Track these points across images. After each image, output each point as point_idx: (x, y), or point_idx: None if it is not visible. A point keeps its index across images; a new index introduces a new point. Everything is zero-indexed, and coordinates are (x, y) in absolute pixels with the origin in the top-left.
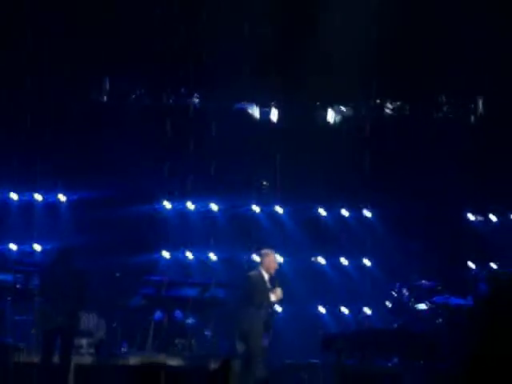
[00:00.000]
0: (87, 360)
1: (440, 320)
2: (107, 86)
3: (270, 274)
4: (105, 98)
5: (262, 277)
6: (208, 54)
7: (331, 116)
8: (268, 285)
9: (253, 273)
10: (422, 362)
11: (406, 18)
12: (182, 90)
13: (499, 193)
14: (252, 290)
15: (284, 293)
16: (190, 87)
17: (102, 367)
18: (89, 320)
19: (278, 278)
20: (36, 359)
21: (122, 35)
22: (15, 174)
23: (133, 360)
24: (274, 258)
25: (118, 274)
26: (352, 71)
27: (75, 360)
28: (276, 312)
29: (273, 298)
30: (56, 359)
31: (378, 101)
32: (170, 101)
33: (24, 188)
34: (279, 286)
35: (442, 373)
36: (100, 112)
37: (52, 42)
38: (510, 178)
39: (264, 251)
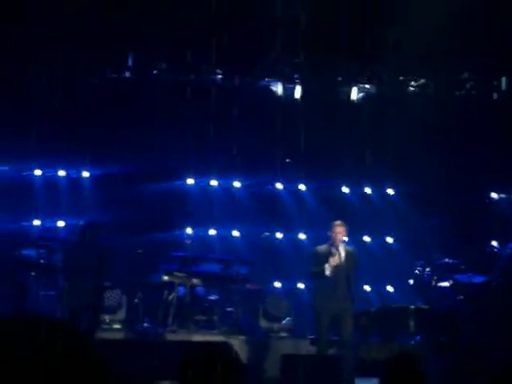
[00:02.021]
0: (113, 335)
1: (462, 297)
2: (130, 62)
3: (338, 246)
4: (127, 73)
5: (325, 249)
6: (231, 31)
7: (355, 93)
8: (334, 257)
9: (318, 246)
10: (444, 339)
11: None
12: (205, 66)
13: None
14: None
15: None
16: (213, 64)
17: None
18: (111, 296)
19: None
20: None
21: (144, 10)
22: (39, 150)
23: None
24: (337, 228)
25: (140, 251)
26: (375, 50)
27: (101, 335)
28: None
29: (327, 271)
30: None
31: (402, 78)
32: (193, 77)
33: (48, 164)
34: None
35: (464, 350)
36: (123, 88)
37: (74, 18)
38: None
39: (332, 223)
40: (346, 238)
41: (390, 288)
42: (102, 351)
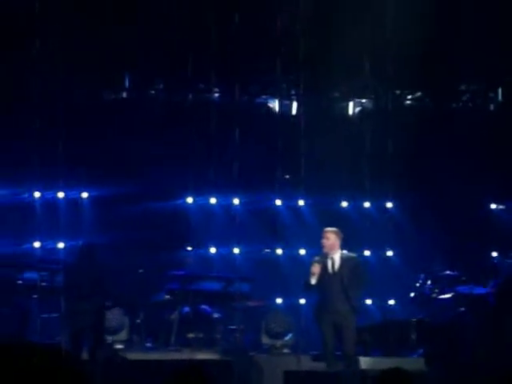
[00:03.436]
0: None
1: (463, 309)
2: (127, 83)
3: (329, 254)
4: (124, 94)
5: (321, 258)
6: (228, 49)
7: (351, 108)
8: (326, 266)
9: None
10: (446, 351)
11: (424, 7)
12: (202, 85)
13: None
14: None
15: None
16: (210, 82)
17: (132, 363)
18: (113, 317)
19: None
20: None
21: (140, 30)
22: (38, 172)
23: (164, 356)
24: (325, 235)
25: (141, 271)
26: (371, 63)
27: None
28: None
29: (312, 280)
30: (85, 357)
31: (398, 92)
32: (190, 96)
33: (47, 186)
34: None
35: (465, 362)
36: (120, 108)
37: (68, 39)
38: None
39: None
40: (336, 245)
41: (391, 302)
42: (105, 371)
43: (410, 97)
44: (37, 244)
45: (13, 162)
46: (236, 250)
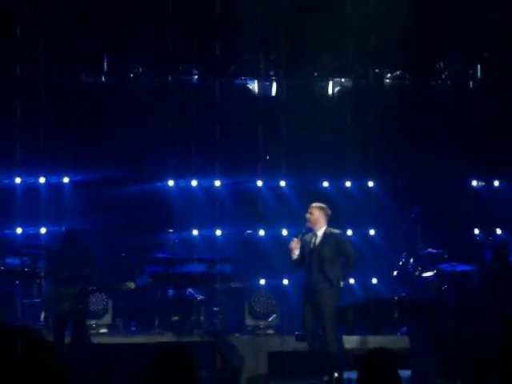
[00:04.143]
0: (100, 340)
1: (446, 287)
2: (105, 66)
3: (315, 230)
4: (103, 77)
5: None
6: (207, 30)
7: (331, 88)
8: (310, 242)
9: None
10: (429, 329)
11: None
12: (181, 67)
13: (502, 158)
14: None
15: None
16: (190, 64)
17: (118, 347)
18: (96, 301)
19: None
20: None
21: (119, 12)
22: (18, 158)
23: (147, 339)
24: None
25: (123, 254)
26: (350, 42)
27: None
28: None
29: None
30: (68, 341)
31: (377, 70)
32: (170, 78)
33: (27, 172)
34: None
35: (448, 340)
36: (99, 92)
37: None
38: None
39: None
40: (321, 221)
41: (374, 280)
42: (91, 356)
43: (389, 75)
44: (19, 230)
45: None
46: (218, 232)
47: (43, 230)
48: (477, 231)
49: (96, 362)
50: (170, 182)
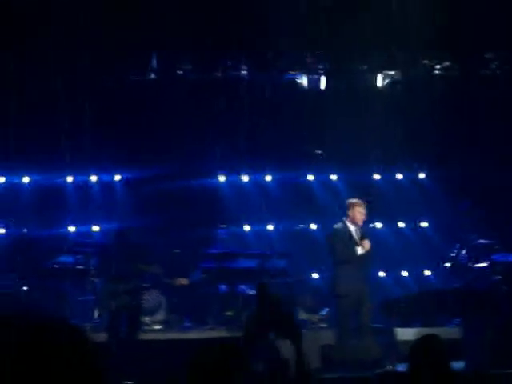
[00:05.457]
0: (154, 336)
1: (499, 277)
2: (154, 64)
3: (357, 227)
4: (152, 75)
5: (345, 229)
6: (255, 26)
7: (380, 80)
8: (355, 238)
9: (335, 226)
10: (483, 319)
11: None
12: (229, 62)
13: None
14: (332, 245)
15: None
16: (239, 59)
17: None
18: (150, 298)
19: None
20: (101, 339)
21: (165, 10)
22: (69, 157)
23: (201, 334)
24: (361, 207)
25: (176, 251)
26: (398, 34)
27: (143, 337)
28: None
29: (359, 250)
30: (123, 338)
31: (426, 62)
32: (219, 74)
33: (79, 170)
34: (367, 238)
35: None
36: (149, 89)
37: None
38: None
39: (349, 201)
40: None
41: (427, 272)
42: (144, 352)
43: (438, 66)
44: (71, 228)
45: (44, 147)
46: (270, 227)
47: (96, 228)
48: None
49: (150, 358)
50: (221, 178)
